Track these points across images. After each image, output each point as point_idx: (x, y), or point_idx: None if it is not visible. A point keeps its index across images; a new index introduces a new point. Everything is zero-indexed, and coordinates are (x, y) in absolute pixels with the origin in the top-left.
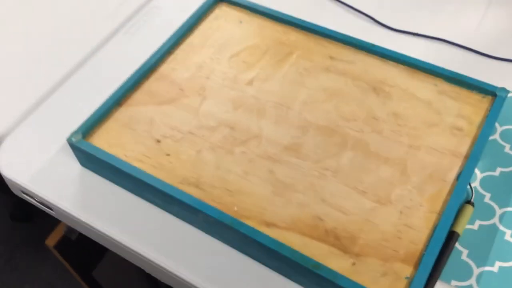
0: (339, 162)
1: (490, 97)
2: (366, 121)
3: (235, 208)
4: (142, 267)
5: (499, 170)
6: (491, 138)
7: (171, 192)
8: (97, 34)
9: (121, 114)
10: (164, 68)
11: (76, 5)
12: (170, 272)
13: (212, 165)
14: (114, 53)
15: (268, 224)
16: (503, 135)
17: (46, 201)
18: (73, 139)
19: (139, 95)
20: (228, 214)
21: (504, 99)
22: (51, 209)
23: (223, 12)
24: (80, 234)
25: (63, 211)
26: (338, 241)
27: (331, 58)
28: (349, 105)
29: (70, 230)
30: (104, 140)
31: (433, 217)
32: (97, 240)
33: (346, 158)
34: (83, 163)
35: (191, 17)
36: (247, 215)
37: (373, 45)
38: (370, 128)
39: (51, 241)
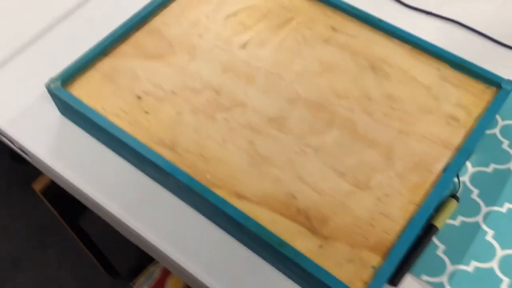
0: (323, 140)
1: (494, 88)
2: (359, 100)
3: (208, 176)
4: (110, 223)
5: (492, 166)
6: (490, 132)
7: (143, 152)
8: None
9: (105, 64)
10: (156, 22)
11: None
12: (136, 233)
13: (191, 129)
14: (108, 0)
15: (240, 196)
16: (504, 130)
17: (23, 146)
18: (52, 86)
19: (126, 47)
20: (199, 181)
21: (509, 92)
22: (27, 155)
23: None
24: None
25: (38, 158)
26: (309, 221)
27: (333, 29)
28: (344, 82)
29: None
30: (84, 90)
31: (411, 208)
32: (70, 192)
33: (331, 136)
34: (62, 112)
35: None
36: (219, 184)
37: (380, 20)
38: (361, 108)
39: (38, 185)
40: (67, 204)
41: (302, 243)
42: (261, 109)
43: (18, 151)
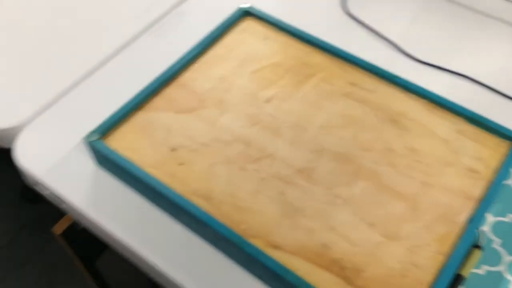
0: (351, 191)
1: (508, 142)
2: (382, 152)
3: (243, 226)
4: (146, 272)
5: (510, 216)
6: (506, 182)
7: (181, 203)
8: (123, 33)
9: (139, 118)
10: (186, 77)
11: (105, 2)
12: (174, 282)
13: (224, 180)
14: (138, 55)
15: (275, 246)
16: None
17: (59, 195)
18: (90, 139)
19: (158, 101)
20: (236, 231)
21: None
22: (62, 203)
23: (249, 26)
24: None
25: (75, 206)
26: (343, 271)
27: (352, 84)
28: (366, 135)
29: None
30: (120, 143)
31: (440, 258)
32: (104, 240)
33: (358, 188)
34: (99, 163)
35: (216, 29)
36: (254, 234)
37: (396, 76)
38: (385, 161)
39: (58, 228)
40: (85, 247)
41: None
42: (289, 160)
43: (51, 198)
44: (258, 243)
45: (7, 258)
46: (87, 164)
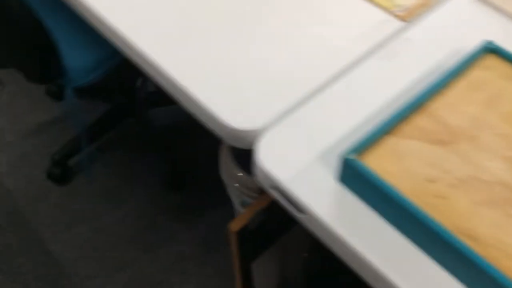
0: None
1: None
2: None
3: None
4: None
5: None
6: None
7: (448, 238)
8: (351, 53)
9: (390, 142)
10: (432, 107)
11: (336, 22)
12: None
13: (489, 222)
14: (365, 75)
15: None
16: None
17: (301, 203)
18: (348, 157)
19: (407, 128)
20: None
21: None
22: (302, 212)
23: (492, 63)
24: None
25: (318, 218)
26: None
27: None
28: None
29: (252, 220)
30: (373, 164)
31: None
32: (341, 257)
33: None
34: (343, 179)
35: (459, 63)
36: None
37: None
38: None
39: (235, 226)
40: (248, 249)
41: None
42: None
43: (286, 205)
44: None
45: (143, 240)
46: (326, 177)
